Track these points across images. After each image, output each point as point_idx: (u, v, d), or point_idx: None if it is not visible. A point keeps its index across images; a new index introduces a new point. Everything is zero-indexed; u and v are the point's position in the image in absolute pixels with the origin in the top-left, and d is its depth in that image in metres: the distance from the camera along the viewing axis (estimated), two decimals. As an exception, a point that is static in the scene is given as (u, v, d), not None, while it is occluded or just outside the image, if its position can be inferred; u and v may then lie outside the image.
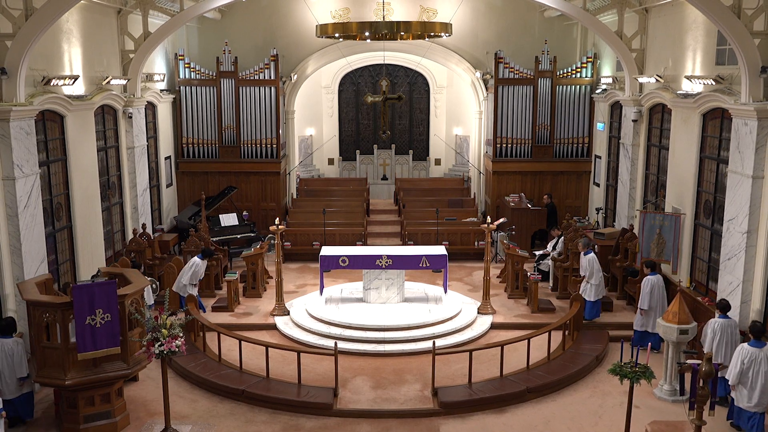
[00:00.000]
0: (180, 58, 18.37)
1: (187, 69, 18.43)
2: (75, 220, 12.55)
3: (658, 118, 14.55)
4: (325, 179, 22.86)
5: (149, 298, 12.24)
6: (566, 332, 12.09)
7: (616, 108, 17.08)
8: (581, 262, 13.04)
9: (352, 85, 23.61)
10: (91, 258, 13.04)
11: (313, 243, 17.02)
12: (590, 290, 12.81)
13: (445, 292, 13.93)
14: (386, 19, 16.62)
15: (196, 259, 13.31)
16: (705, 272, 12.28)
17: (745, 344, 9.17)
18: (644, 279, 11.87)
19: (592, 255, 12.90)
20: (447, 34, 14.31)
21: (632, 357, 8.88)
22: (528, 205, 17.92)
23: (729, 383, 9.24)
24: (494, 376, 10.81)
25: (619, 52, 15.29)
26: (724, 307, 10.04)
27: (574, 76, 18.55)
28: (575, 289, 13.07)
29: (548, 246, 15.67)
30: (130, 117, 15.02)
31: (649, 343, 11.57)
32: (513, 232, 16.51)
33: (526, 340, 11.14)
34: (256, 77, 18.56)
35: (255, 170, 18.97)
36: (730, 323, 9.96)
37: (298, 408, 10.05)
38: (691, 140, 12.59)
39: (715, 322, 9.96)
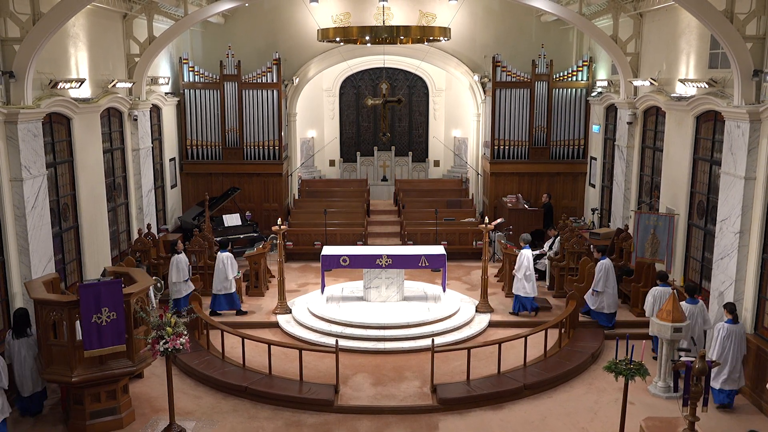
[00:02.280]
0: (184, 61, 18.56)
1: (191, 72, 18.63)
2: (81, 221, 12.70)
3: (653, 120, 14.71)
4: (327, 180, 23.05)
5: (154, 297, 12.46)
6: (562, 330, 12.23)
7: (611, 110, 17.27)
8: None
9: (353, 88, 23.83)
10: (97, 257, 13.20)
11: (315, 243, 17.17)
12: (517, 284, 13.21)
13: (444, 290, 14.06)
14: (386, 24, 16.86)
15: (223, 254, 13.40)
16: (698, 271, 12.44)
17: (683, 302, 10.68)
18: (598, 263, 12.57)
19: (527, 251, 13.30)
20: (446, 38, 14.43)
21: (627, 354, 9.05)
22: (525, 206, 18.08)
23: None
24: (492, 373, 10.93)
25: (614, 56, 15.46)
26: (663, 276, 11.68)
27: (570, 79, 18.74)
28: (571, 288, 13.26)
29: (545, 246, 15.80)
30: (136, 119, 15.17)
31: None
32: (510, 232, 16.69)
33: (523, 338, 11.25)
34: (259, 80, 18.75)
35: (258, 171, 19.15)
36: (667, 290, 11.32)
37: (300, 404, 10.17)
38: (685, 142, 12.74)
39: (655, 290, 11.50)
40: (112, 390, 9.55)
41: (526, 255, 13.25)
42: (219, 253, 13.55)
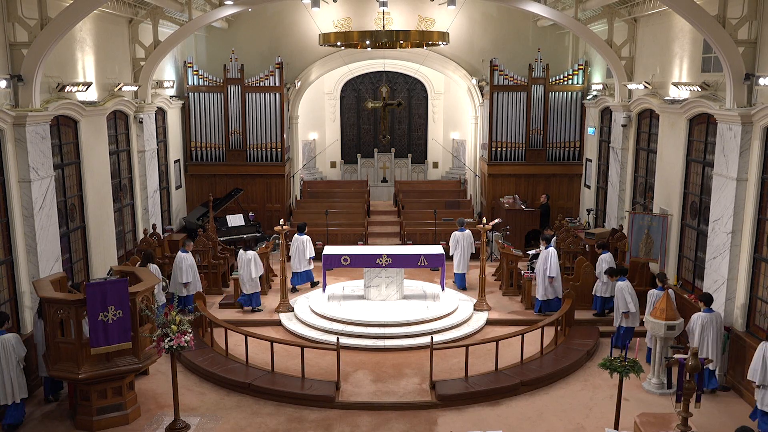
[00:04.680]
0: (189, 65, 18.75)
1: (195, 76, 18.82)
2: (88, 221, 12.87)
3: (647, 123, 14.86)
4: (328, 181, 23.22)
5: (160, 296, 12.61)
6: (558, 328, 12.35)
7: (606, 113, 17.44)
8: None
9: (354, 92, 24.05)
10: (103, 257, 13.36)
11: (316, 243, 17.26)
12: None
13: (443, 289, 14.22)
14: (386, 29, 17.02)
15: (302, 237, 14.67)
16: (691, 271, 12.59)
17: (619, 282, 12.08)
18: (546, 251, 13.38)
19: (466, 232, 15.06)
20: (444, 43, 14.55)
21: (622, 352, 9.24)
22: (522, 207, 18.23)
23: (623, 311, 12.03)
24: (489, 370, 11.07)
25: (609, 60, 15.63)
26: (603, 245, 13.43)
27: (566, 82, 18.89)
28: (567, 287, 13.44)
29: (541, 246, 16.00)
30: (141, 122, 15.34)
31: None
32: (507, 232, 16.85)
33: (520, 336, 11.36)
34: (262, 84, 18.95)
35: (260, 173, 19.35)
36: (606, 257, 13.20)
37: (301, 400, 10.31)
38: (678, 144, 12.90)
39: (602, 259, 13.21)
40: (118, 386, 9.67)
41: (461, 236, 15.05)
42: (296, 235, 14.58)
